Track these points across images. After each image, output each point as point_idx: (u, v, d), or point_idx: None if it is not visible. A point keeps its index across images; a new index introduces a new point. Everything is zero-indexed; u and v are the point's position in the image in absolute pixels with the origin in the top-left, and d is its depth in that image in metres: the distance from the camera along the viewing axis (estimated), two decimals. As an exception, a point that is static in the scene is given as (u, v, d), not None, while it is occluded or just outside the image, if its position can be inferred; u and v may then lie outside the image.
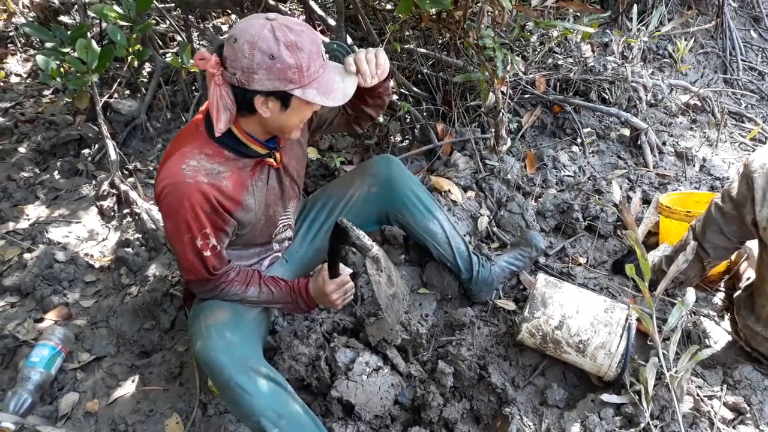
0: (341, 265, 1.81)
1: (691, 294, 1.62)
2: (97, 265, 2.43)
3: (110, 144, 2.85)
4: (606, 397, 1.83)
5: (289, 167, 1.83)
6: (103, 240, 2.58)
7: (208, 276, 1.66)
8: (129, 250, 2.43)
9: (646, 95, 3.24)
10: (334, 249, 1.73)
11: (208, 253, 1.61)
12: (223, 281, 1.70)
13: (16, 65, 3.96)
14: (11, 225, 2.56)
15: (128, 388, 1.95)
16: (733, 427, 1.75)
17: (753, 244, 2.16)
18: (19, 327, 2.09)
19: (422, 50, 3.05)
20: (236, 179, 1.62)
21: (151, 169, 3.03)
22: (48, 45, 2.73)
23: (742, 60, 3.94)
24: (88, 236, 2.58)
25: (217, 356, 1.59)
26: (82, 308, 2.24)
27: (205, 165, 1.57)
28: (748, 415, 1.78)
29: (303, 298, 1.81)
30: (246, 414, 1.61)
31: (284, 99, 1.51)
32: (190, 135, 1.64)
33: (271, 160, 1.73)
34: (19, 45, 4.11)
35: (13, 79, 3.79)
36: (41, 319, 2.16)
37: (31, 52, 4.08)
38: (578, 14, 3.06)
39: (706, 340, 2.02)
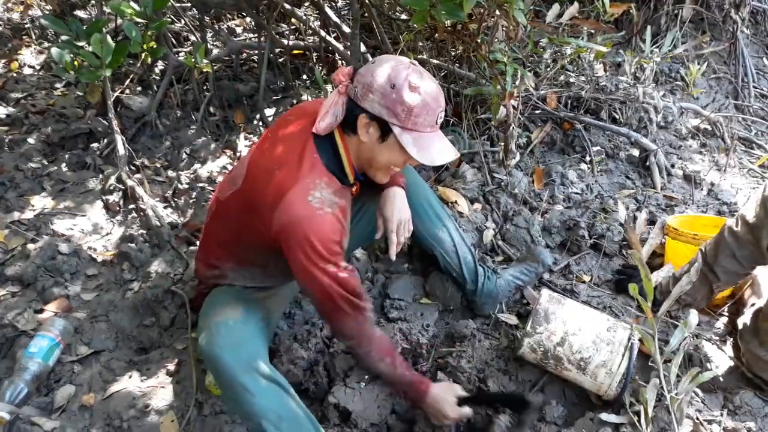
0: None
1: (693, 316, 1.61)
2: (99, 259, 2.42)
3: (119, 139, 2.85)
4: (605, 416, 1.81)
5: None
6: (107, 234, 2.58)
7: (356, 298, 1.64)
8: (132, 245, 2.43)
9: (657, 117, 3.23)
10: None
11: (346, 275, 1.61)
12: (368, 309, 1.70)
13: (30, 57, 3.97)
14: (16, 215, 2.56)
15: (125, 383, 1.94)
16: (732, 453, 1.73)
17: (759, 271, 2.16)
18: (18, 317, 2.08)
19: (435, 61, 3.05)
20: (343, 207, 1.66)
21: (158, 165, 3.03)
22: (63, 38, 2.74)
23: (754, 87, 3.94)
24: (93, 230, 2.58)
25: (222, 354, 1.59)
26: (83, 301, 2.23)
27: (326, 196, 1.60)
28: (747, 441, 1.76)
29: (416, 393, 1.77)
30: (247, 414, 1.60)
31: (384, 130, 1.57)
32: (301, 157, 1.63)
33: (353, 189, 1.78)
34: (33, 37, 4.13)
35: (26, 71, 3.81)
36: (41, 310, 2.15)
37: (45, 44, 4.10)
38: (592, 33, 3.07)
39: (708, 364, 2.00)
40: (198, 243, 2.26)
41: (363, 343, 1.71)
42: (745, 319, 2.03)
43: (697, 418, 1.81)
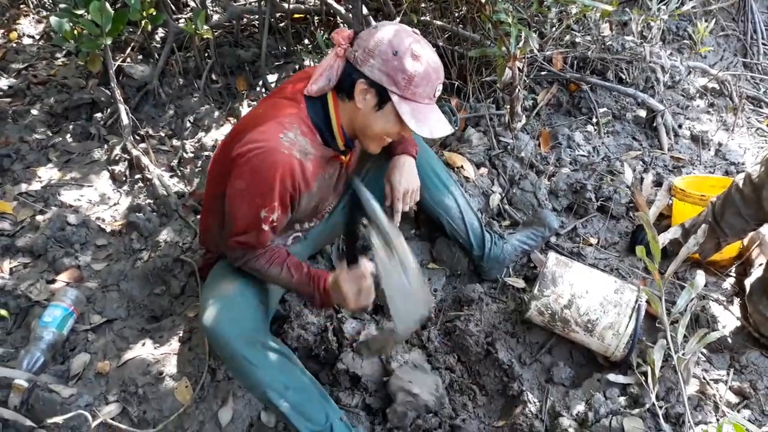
0: (363, 260, 1.61)
1: (700, 277, 1.61)
2: (108, 229, 2.43)
3: (123, 108, 2.84)
4: (612, 376, 1.84)
5: (348, 169, 1.86)
6: (115, 204, 2.59)
7: (255, 246, 1.65)
8: (140, 215, 2.44)
9: (664, 76, 3.19)
10: (351, 221, 1.60)
11: (266, 227, 1.60)
12: (258, 254, 1.69)
13: (29, 26, 3.92)
14: (24, 186, 2.57)
15: (138, 351, 1.97)
16: (738, 411, 1.76)
17: (766, 230, 2.16)
18: (31, 287, 2.10)
19: (438, 23, 3.00)
20: (316, 164, 1.63)
21: (162, 135, 3.02)
22: (62, 6, 2.70)
23: (763, 44, 3.87)
24: (100, 200, 2.59)
25: (223, 329, 1.60)
26: (94, 271, 2.25)
27: (300, 141, 1.56)
28: (753, 399, 1.79)
29: (319, 292, 1.70)
30: (253, 385, 1.63)
31: (382, 98, 1.54)
32: (289, 105, 1.62)
33: (344, 158, 1.75)
34: (31, 6, 4.07)
35: (26, 41, 3.77)
36: (53, 281, 2.17)
37: (44, 13, 4.04)
38: (598, -9, 3.01)
39: (715, 325, 2.02)
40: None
41: (246, 266, 1.71)
42: (753, 280, 2.04)
43: (704, 378, 1.83)
